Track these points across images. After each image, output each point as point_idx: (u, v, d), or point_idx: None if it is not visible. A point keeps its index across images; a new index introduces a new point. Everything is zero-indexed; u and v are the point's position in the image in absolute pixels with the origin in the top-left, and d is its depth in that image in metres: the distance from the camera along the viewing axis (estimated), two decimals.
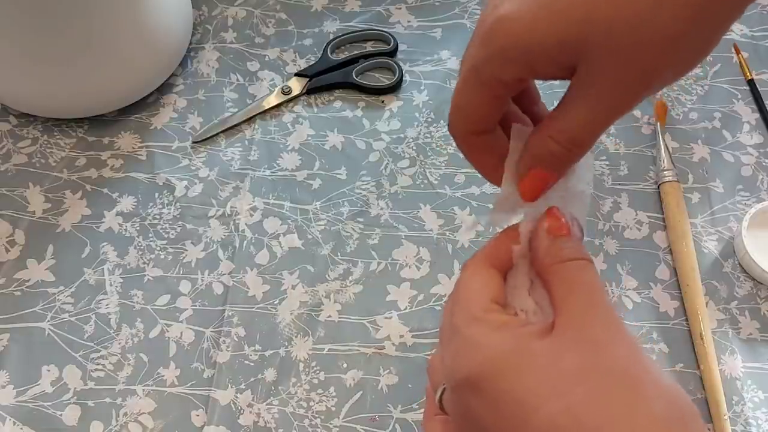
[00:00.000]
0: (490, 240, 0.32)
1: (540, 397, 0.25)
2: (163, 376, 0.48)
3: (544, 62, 0.27)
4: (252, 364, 0.49)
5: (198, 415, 0.47)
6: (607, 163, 0.56)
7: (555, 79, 0.29)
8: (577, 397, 0.24)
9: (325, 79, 0.60)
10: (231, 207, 0.55)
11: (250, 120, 0.59)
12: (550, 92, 0.54)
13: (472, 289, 0.30)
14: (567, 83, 0.29)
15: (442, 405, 0.31)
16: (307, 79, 0.60)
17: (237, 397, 0.47)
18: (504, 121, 0.32)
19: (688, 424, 0.25)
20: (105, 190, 0.55)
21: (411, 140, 0.58)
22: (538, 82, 0.33)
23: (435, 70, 0.61)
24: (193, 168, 0.56)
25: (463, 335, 0.28)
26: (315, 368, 0.48)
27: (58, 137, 0.58)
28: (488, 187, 0.55)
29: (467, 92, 0.30)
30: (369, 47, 0.63)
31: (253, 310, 0.50)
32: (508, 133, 0.32)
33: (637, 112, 0.59)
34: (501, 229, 0.32)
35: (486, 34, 0.28)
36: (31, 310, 0.50)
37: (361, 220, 0.54)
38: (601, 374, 0.25)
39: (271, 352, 0.49)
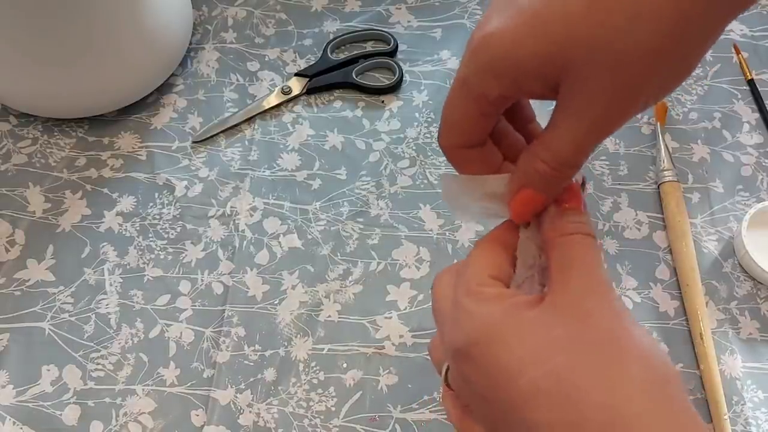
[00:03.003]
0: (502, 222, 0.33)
1: (525, 363, 0.26)
2: (163, 376, 0.48)
3: (528, 79, 0.27)
4: (252, 364, 0.49)
5: (198, 415, 0.47)
6: (607, 163, 0.56)
7: (541, 98, 0.29)
8: (560, 362, 0.26)
9: (325, 79, 0.60)
10: (231, 207, 0.55)
11: (250, 120, 0.59)
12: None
13: (473, 265, 0.31)
14: None
15: (449, 382, 0.32)
16: (307, 79, 0.60)
17: (237, 397, 0.47)
18: (497, 138, 0.32)
19: (666, 385, 0.26)
20: (105, 190, 0.55)
21: (411, 140, 0.58)
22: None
23: (435, 70, 0.61)
24: (193, 168, 0.56)
25: (458, 308, 0.29)
26: (315, 368, 0.48)
27: (58, 137, 0.58)
28: None
29: (455, 106, 0.30)
30: (369, 47, 0.63)
31: (253, 310, 0.50)
32: (500, 149, 0.32)
33: None
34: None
35: (473, 49, 0.28)
36: (31, 310, 0.50)
37: (361, 220, 0.54)
38: (584, 342, 0.26)
39: (271, 352, 0.49)
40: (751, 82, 0.60)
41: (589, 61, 0.26)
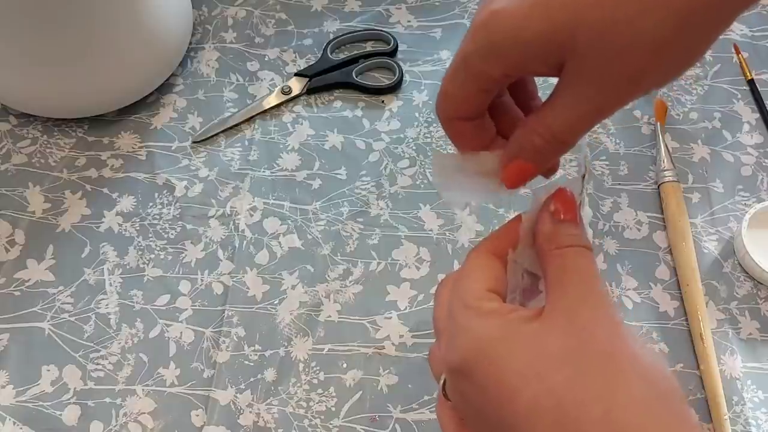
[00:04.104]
0: (496, 229, 0.33)
1: (524, 380, 0.26)
2: (163, 376, 0.48)
3: (532, 59, 0.27)
4: (252, 364, 0.49)
5: (198, 415, 0.47)
6: (607, 163, 0.56)
7: (544, 75, 0.29)
8: (560, 379, 0.25)
9: (325, 79, 0.60)
10: (231, 207, 0.55)
11: (250, 120, 0.59)
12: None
13: (469, 278, 0.30)
14: None
15: (446, 394, 0.32)
16: (307, 79, 0.60)
17: (237, 397, 0.47)
18: (496, 111, 0.33)
19: (667, 401, 0.25)
20: (105, 190, 0.55)
21: (411, 140, 0.58)
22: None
23: (435, 70, 0.61)
24: (193, 168, 0.56)
25: (455, 323, 0.29)
26: (315, 368, 0.48)
27: (58, 137, 0.58)
28: None
29: (455, 80, 0.30)
30: (369, 47, 0.63)
31: (253, 310, 0.50)
32: (498, 122, 0.33)
33: (637, 112, 0.59)
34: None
35: (477, 27, 0.28)
36: (31, 310, 0.50)
37: (361, 220, 0.54)
38: (583, 357, 0.26)
39: (271, 352, 0.49)
40: (751, 82, 0.60)
41: (595, 46, 0.26)
